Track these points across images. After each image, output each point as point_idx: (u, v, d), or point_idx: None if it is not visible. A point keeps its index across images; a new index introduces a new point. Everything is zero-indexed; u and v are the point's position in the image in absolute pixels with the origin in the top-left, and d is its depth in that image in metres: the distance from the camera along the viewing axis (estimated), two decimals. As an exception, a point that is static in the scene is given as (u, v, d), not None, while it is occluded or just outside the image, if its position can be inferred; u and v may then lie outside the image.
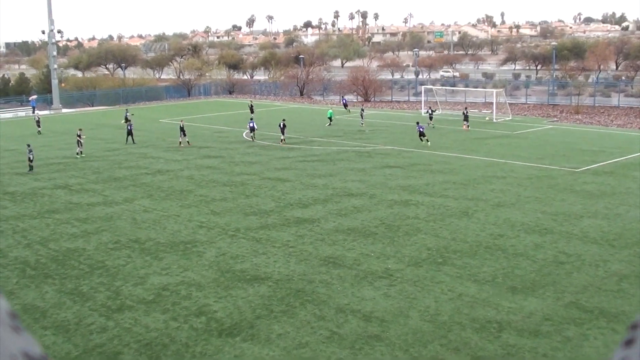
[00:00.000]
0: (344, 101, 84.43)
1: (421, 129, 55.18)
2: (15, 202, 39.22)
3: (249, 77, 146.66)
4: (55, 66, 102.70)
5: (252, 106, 78.02)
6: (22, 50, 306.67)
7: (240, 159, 50.67)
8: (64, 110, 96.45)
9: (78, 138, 53.54)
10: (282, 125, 57.98)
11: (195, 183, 42.72)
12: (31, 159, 47.82)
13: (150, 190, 41.00)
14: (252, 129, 59.99)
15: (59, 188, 42.75)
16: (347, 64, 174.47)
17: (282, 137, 57.77)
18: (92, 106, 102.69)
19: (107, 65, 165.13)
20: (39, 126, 70.98)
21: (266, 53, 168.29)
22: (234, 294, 23.44)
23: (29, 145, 49.19)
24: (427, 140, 54.23)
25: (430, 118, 67.07)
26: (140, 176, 45.53)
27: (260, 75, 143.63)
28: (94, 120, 78.83)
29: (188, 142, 57.30)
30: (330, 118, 68.74)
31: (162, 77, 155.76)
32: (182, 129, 57.56)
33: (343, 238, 29.72)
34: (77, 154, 53.31)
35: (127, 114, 73.66)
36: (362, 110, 70.16)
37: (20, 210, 37.14)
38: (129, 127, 60.64)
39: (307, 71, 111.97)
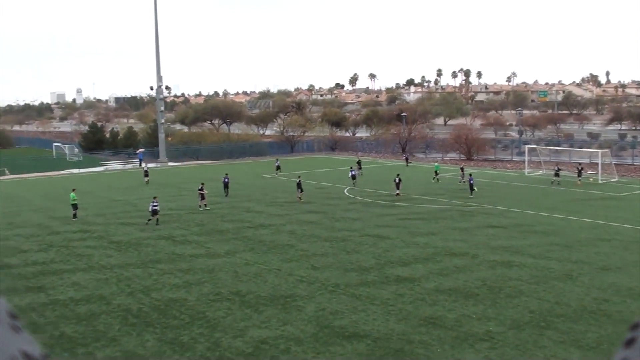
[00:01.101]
0: (406, 156, 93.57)
1: (471, 181, 59.79)
2: (120, 251, 40.20)
3: (352, 134, 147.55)
4: (163, 121, 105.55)
5: (359, 162, 79.22)
6: (131, 104, 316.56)
7: (341, 215, 50.80)
8: (170, 164, 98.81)
9: (200, 192, 54.61)
10: (397, 181, 59.96)
11: (297, 238, 42.96)
12: (157, 211, 48.55)
13: (252, 244, 41.41)
14: (354, 177, 66.77)
15: (162, 239, 43.63)
16: (450, 122, 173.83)
17: (397, 192, 59.56)
18: (197, 160, 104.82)
19: (213, 121, 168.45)
20: (146, 176, 73.03)
21: (368, 111, 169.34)
22: (332, 350, 23.33)
23: (155, 198, 50.11)
24: (472, 193, 59.19)
25: (557, 175, 68.01)
26: (243, 229, 46.07)
27: (363, 133, 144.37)
28: (199, 174, 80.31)
29: (300, 197, 57.85)
30: (436, 172, 69.49)
31: (266, 133, 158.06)
32: (299, 185, 58.32)
33: (444, 298, 29.31)
34: (200, 207, 54.35)
35: (277, 163, 78.25)
36: (462, 168, 70.10)
37: (125, 260, 38.03)
38: (225, 180, 61.99)
39: (410, 129, 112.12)
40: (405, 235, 43.16)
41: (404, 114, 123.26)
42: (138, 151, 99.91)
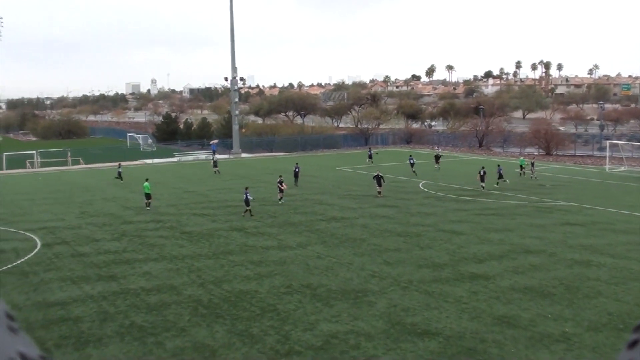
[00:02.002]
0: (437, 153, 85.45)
1: (500, 171, 61.78)
2: (192, 242, 40.37)
3: (427, 127, 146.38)
4: (237, 112, 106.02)
5: (438, 156, 77.30)
6: (205, 96, 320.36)
7: (416, 210, 50.17)
8: (244, 155, 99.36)
9: (279, 185, 54.28)
10: (482, 173, 60.04)
11: (369, 232, 42.54)
12: (248, 201, 48.26)
13: (324, 237, 41.14)
14: (412, 165, 71.20)
15: (235, 230, 43.68)
16: (529, 116, 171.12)
17: (482, 185, 60.03)
18: (271, 152, 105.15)
19: (287, 113, 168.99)
20: (215, 166, 73.77)
21: (445, 103, 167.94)
22: (403, 347, 22.87)
23: (246, 189, 49.71)
24: (498, 183, 61.19)
25: None
26: (315, 222, 45.86)
27: (439, 126, 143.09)
28: (272, 165, 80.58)
29: (379, 192, 56.72)
30: (521, 166, 68.42)
31: (340, 125, 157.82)
32: (379, 178, 56.90)
33: (519, 297, 28.55)
34: (280, 200, 53.86)
35: (371, 151, 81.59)
36: (533, 163, 68.35)
37: (196, 250, 38.16)
38: (296, 170, 62.12)
39: (487, 122, 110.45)
40: (480, 231, 42.37)
41: (481, 107, 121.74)
42: (212, 142, 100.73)
